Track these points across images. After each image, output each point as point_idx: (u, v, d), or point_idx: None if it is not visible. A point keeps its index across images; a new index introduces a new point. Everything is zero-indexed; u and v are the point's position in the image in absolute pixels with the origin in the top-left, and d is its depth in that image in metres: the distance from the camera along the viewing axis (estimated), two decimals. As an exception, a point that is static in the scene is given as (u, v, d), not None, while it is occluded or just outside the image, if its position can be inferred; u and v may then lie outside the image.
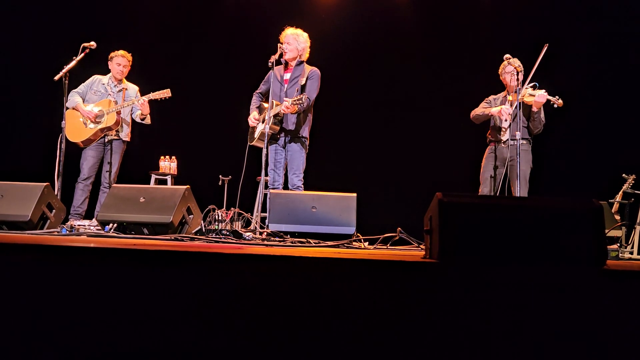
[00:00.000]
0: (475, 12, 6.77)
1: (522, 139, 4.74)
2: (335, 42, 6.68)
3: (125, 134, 5.30)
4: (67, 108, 5.13)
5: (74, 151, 5.24)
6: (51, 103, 5.41)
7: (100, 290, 1.88)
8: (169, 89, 5.16)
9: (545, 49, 4.63)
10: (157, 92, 5.18)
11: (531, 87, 4.65)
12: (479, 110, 4.99)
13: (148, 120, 5.31)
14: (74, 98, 5.21)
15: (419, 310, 1.83)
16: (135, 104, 5.17)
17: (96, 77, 5.34)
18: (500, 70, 5.00)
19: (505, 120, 4.80)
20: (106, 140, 5.21)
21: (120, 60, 5.29)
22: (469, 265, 1.90)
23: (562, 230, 1.99)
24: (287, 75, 4.90)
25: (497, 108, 4.86)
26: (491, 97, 5.06)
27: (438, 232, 1.96)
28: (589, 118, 6.33)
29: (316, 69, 4.90)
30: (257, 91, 5.10)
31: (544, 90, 4.67)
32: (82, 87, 5.29)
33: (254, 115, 5.00)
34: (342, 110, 6.73)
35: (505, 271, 1.88)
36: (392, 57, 6.84)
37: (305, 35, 4.92)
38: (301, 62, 4.90)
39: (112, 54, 5.32)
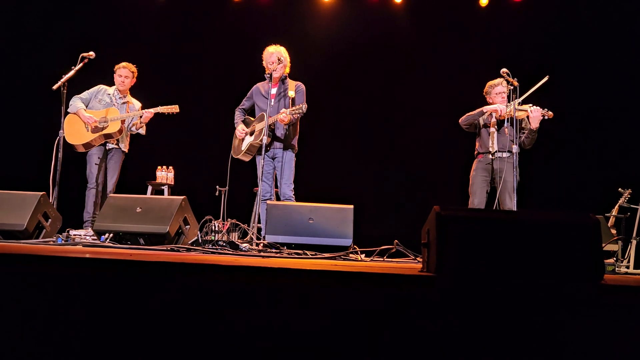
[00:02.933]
0: (471, 25, 6.83)
1: (508, 151, 4.77)
2: (333, 53, 6.71)
3: (125, 145, 5.31)
4: (68, 112, 5.13)
5: (72, 160, 5.22)
6: (49, 112, 5.41)
7: (95, 300, 1.87)
8: (177, 105, 5.17)
9: (545, 79, 4.66)
10: (165, 107, 5.18)
11: (517, 103, 4.66)
12: (470, 113, 4.99)
13: (143, 131, 5.31)
14: (76, 103, 5.20)
15: (416, 324, 1.82)
16: (144, 115, 5.15)
17: (102, 87, 5.35)
18: (486, 90, 5.01)
19: (499, 119, 4.83)
20: (107, 147, 5.22)
21: (121, 71, 5.30)
22: (466, 279, 1.90)
23: (560, 245, 1.98)
24: (274, 91, 4.95)
25: (494, 106, 4.87)
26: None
27: (436, 245, 1.95)
28: (585, 131, 6.36)
29: (301, 83, 4.98)
30: (240, 107, 5.16)
31: (534, 105, 4.70)
32: (86, 94, 5.29)
33: (241, 127, 5.04)
34: (339, 122, 6.76)
35: (502, 285, 1.87)
36: (387, 68, 6.88)
37: (285, 49, 5.00)
38: (285, 77, 4.96)
39: (116, 67, 5.34)
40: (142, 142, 5.68)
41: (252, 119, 5.04)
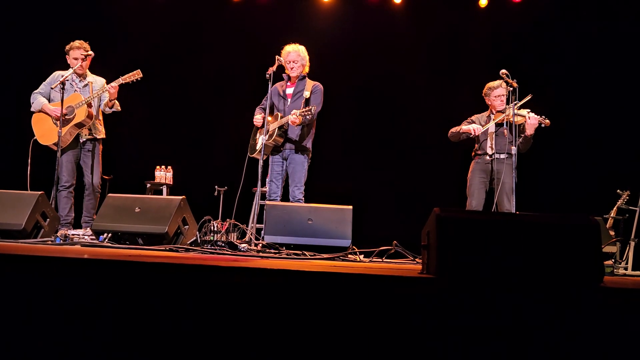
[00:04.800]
0: (470, 26, 6.83)
1: (506, 153, 4.77)
2: (334, 54, 6.71)
3: (99, 131, 4.95)
4: (33, 112, 4.86)
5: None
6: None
7: (93, 300, 1.87)
8: (139, 70, 4.80)
9: (528, 97, 4.66)
10: (127, 75, 4.76)
11: (517, 107, 4.66)
12: (455, 129, 5.03)
13: (117, 107, 4.93)
14: (38, 100, 4.84)
15: (416, 326, 1.81)
16: (107, 89, 4.74)
17: (57, 73, 4.93)
18: (485, 91, 5.00)
19: (481, 135, 4.86)
20: (80, 141, 4.88)
21: (76, 53, 4.85)
22: (466, 281, 1.89)
23: (560, 247, 1.98)
24: (290, 90, 4.90)
25: (469, 126, 4.90)
26: (474, 117, 5.06)
27: (436, 247, 1.95)
28: (583, 132, 6.36)
29: (319, 83, 4.91)
30: (260, 106, 5.05)
31: (532, 112, 4.70)
32: (43, 87, 4.90)
33: (259, 116, 4.88)
34: (338, 122, 6.75)
35: (502, 288, 1.87)
36: (386, 69, 6.87)
37: (304, 48, 4.94)
38: (304, 77, 4.91)
39: (67, 47, 4.88)
40: (141, 141, 5.67)
41: (269, 118, 4.97)
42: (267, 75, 4.63)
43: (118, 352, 1.82)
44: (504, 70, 4.66)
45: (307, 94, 4.80)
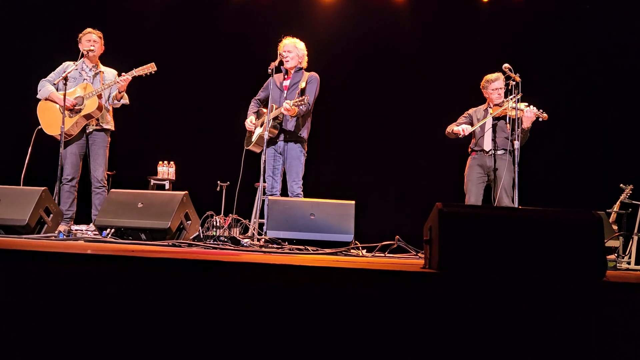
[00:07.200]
0: (472, 21, 6.82)
1: (504, 149, 4.76)
2: (335, 50, 6.71)
3: (107, 121, 4.85)
4: (39, 99, 4.77)
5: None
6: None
7: (96, 296, 1.87)
8: (153, 63, 4.75)
9: (519, 96, 4.64)
10: (140, 68, 4.72)
11: (514, 100, 4.64)
12: (449, 128, 5.01)
13: (126, 100, 4.86)
14: (46, 87, 4.74)
15: (418, 321, 1.82)
16: (119, 82, 4.68)
17: (67, 63, 4.85)
18: (483, 84, 4.96)
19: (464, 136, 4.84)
20: (87, 131, 4.78)
21: (88, 37, 4.83)
22: (468, 276, 1.89)
23: (562, 242, 1.98)
24: (287, 82, 4.91)
25: (458, 128, 4.87)
26: (471, 111, 5.04)
27: (438, 242, 1.95)
28: (586, 127, 6.36)
29: (315, 73, 4.92)
30: (256, 97, 5.10)
31: (531, 105, 4.67)
32: (52, 75, 4.81)
33: (250, 119, 4.99)
34: (341, 117, 6.76)
35: (505, 282, 1.87)
36: (392, 66, 6.88)
37: (303, 44, 4.95)
38: (300, 69, 4.91)
39: (80, 35, 4.88)
40: (144, 137, 5.67)
41: (264, 110, 5.00)
42: (270, 70, 4.64)
43: (120, 348, 1.83)
44: (506, 65, 4.65)
45: (303, 84, 4.81)
